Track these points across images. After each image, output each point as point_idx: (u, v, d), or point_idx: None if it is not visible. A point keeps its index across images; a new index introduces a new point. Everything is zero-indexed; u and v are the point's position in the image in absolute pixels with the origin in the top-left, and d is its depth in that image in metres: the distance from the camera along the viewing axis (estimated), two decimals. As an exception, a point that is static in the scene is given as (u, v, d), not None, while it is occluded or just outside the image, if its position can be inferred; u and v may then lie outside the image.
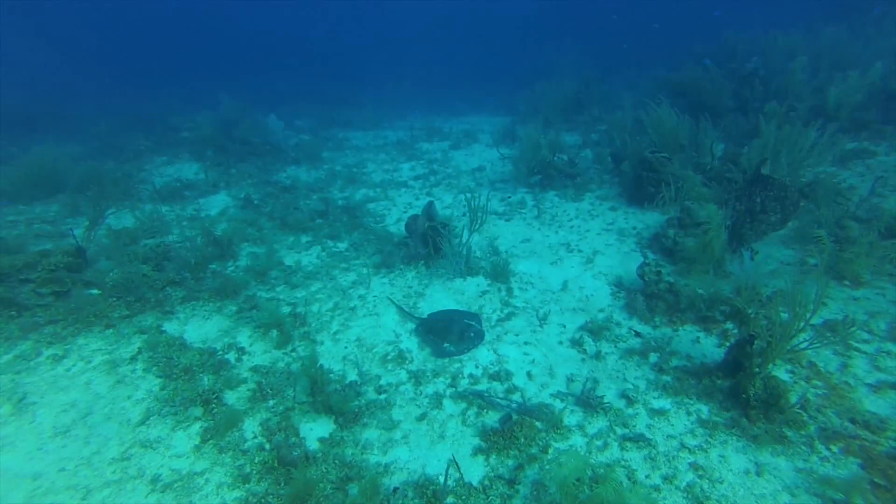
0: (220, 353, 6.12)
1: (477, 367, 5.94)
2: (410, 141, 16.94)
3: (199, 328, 6.57)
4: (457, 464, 4.50)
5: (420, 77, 33.04)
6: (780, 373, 5.26)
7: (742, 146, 9.80)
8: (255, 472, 4.41)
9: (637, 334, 6.29)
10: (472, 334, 6.29)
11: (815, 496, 4.04)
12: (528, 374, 5.79)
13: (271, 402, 5.37)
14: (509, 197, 10.95)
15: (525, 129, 11.79)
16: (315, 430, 5.06)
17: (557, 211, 10.07)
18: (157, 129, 16.45)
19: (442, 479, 4.36)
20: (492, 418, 5.16)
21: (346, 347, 6.35)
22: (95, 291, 6.89)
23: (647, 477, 4.36)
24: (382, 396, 5.55)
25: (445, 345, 6.18)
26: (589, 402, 5.21)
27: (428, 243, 7.86)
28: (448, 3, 58.55)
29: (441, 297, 7.27)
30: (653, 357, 5.90)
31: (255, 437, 4.85)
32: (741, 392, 4.85)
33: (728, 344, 5.79)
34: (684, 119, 10.45)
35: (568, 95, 16.93)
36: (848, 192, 8.55)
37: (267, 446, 4.72)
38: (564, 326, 6.61)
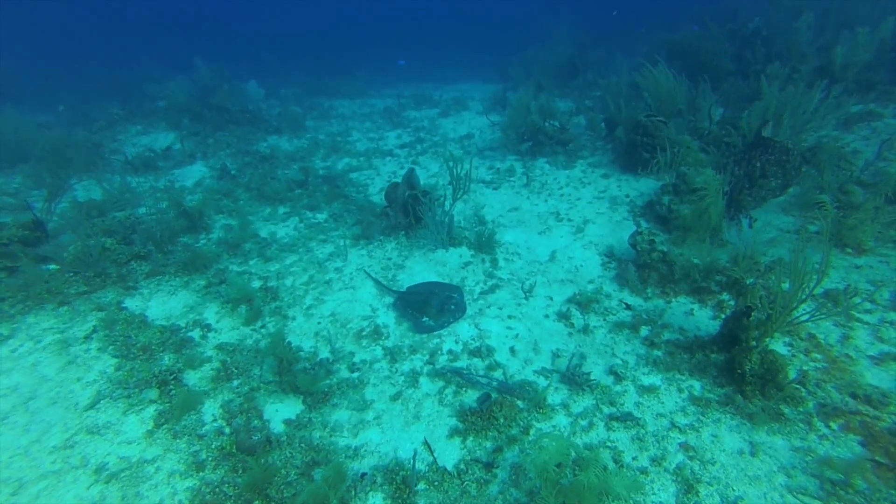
0: (184, 330, 5.74)
1: (457, 342, 5.59)
2: (398, 109, 16.28)
3: (163, 304, 6.17)
4: (429, 446, 4.19)
5: (412, 46, 31.95)
6: (778, 346, 4.93)
7: (742, 111, 9.30)
8: (210, 458, 4.09)
9: (627, 306, 5.94)
10: (452, 307, 5.93)
11: (813, 477, 3.75)
12: (511, 350, 5.45)
13: (236, 383, 5.02)
14: (497, 165, 10.46)
15: (516, 95, 11.21)
16: (281, 412, 4.73)
17: (547, 179, 9.61)
18: (133, 97, 15.70)
19: (413, 463, 4.05)
20: (471, 397, 4.84)
21: (319, 323, 5.98)
22: (53, 267, 6.45)
23: (634, 459, 4.06)
24: (355, 375, 5.21)
25: (424, 319, 5.82)
26: (575, 380, 4.88)
27: (409, 213, 7.42)
28: (441, -32, 56.47)
29: (421, 268, 6.88)
30: (644, 330, 5.57)
31: (215, 420, 4.51)
32: (736, 367, 4.52)
33: (724, 316, 5.45)
34: (682, 81, 9.91)
35: (561, 60, 16.23)
36: (852, 157, 8.12)
37: (227, 430, 4.38)
38: (551, 299, 6.25)
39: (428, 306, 5.87)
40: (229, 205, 8.95)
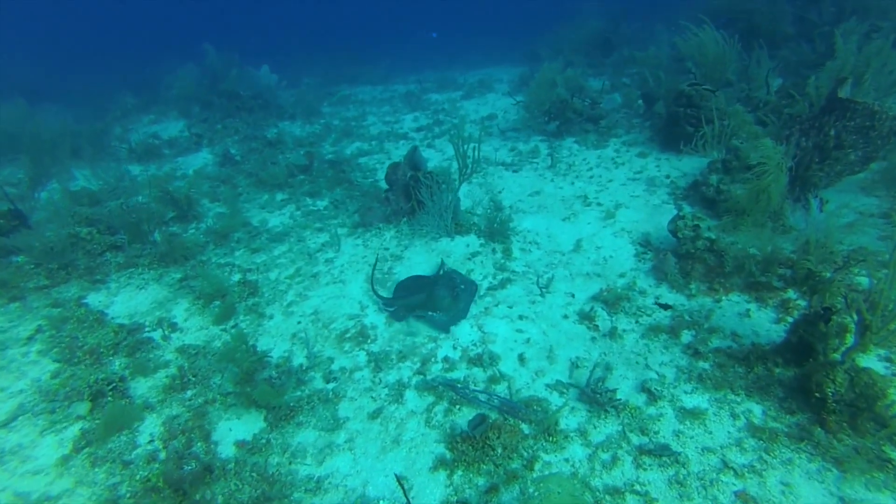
0: (146, 329, 5.05)
1: (455, 347, 4.66)
2: (419, 92, 15.37)
3: (129, 300, 5.52)
4: (402, 485, 3.28)
5: (440, 32, 30.89)
6: (873, 362, 3.75)
7: (806, 78, 7.88)
8: (130, 494, 3.32)
9: (665, 306, 4.85)
10: (462, 286, 5.13)
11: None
12: (520, 358, 4.48)
13: (189, 394, 4.27)
14: (520, 147, 9.40)
15: (540, 69, 10.09)
16: (236, 431, 3.94)
17: (575, 160, 8.49)
18: (150, 87, 15.44)
19: (381, 505, 3.17)
20: (465, 417, 3.91)
21: (298, 322, 5.18)
22: (20, 259, 5.91)
23: (671, 512, 3.04)
24: (330, 386, 4.37)
25: (435, 315, 4.91)
26: (596, 398, 3.88)
27: (411, 196, 6.52)
28: (473, -46, 54.97)
29: (422, 259, 5.97)
30: (686, 336, 4.48)
31: (151, 441, 3.76)
32: (814, 388, 3.40)
33: (791, 319, 4.30)
34: (733, 44, 8.56)
35: (594, 35, 14.89)
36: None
37: (162, 455, 3.62)
38: (573, 296, 5.23)
39: (437, 299, 4.96)
40: (226, 192, 8.29)
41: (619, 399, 3.87)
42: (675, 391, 3.94)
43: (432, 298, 5.03)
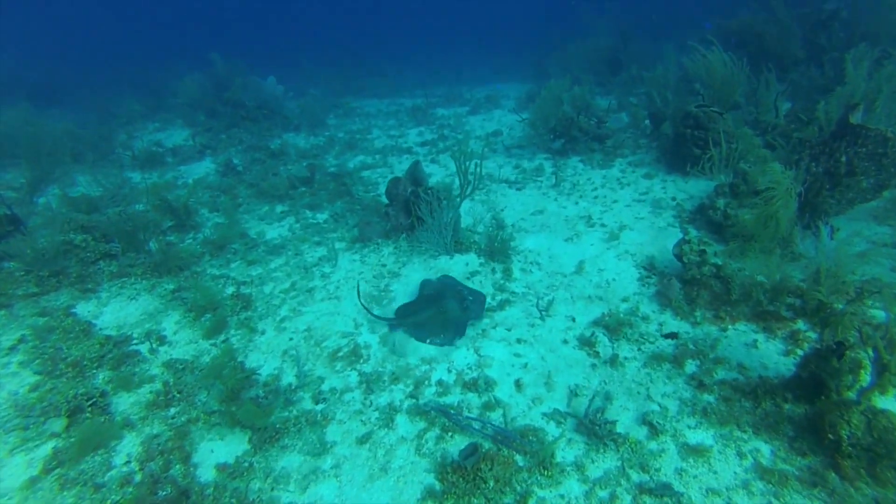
0: (134, 342, 4.91)
1: (450, 371, 4.49)
2: (426, 107, 15.34)
3: (119, 310, 5.39)
4: (387, 520, 3.10)
5: (450, 49, 31.12)
6: (891, 404, 3.55)
7: (815, 102, 7.76)
8: (99, 520, 3.16)
9: (671, 335, 4.67)
10: (470, 298, 5.06)
11: None
12: (517, 384, 4.31)
13: (173, 411, 4.11)
14: (524, 164, 9.29)
15: (546, 85, 10.03)
16: (217, 453, 3.77)
17: (580, 178, 8.37)
18: (156, 94, 15.52)
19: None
20: (457, 446, 3.73)
21: (291, 339, 5.03)
22: (12, 264, 5.81)
23: (672, 560, 2.84)
24: (319, 407, 4.20)
25: (446, 336, 4.82)
26: (595, 429, 3.70)
27: (411, 212, 6.40)
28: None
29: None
30: (690, 365, 4.30)
31: (128, 462, 3.60)
32: (826, 429, 3.21)
33: (801, 352, 4.12)
34: (741, 67, 8.47)
35: (603, 53, 14.89)
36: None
37: (137, 478, 3.45)
38: (573, 320, 5.06)
39: (445, 314, 4.88)
40: (226, 202, 8.20)
41: (619, 432, 3.69)
42: (677, 425, 3.75)
43: (442, 312, 4.92)
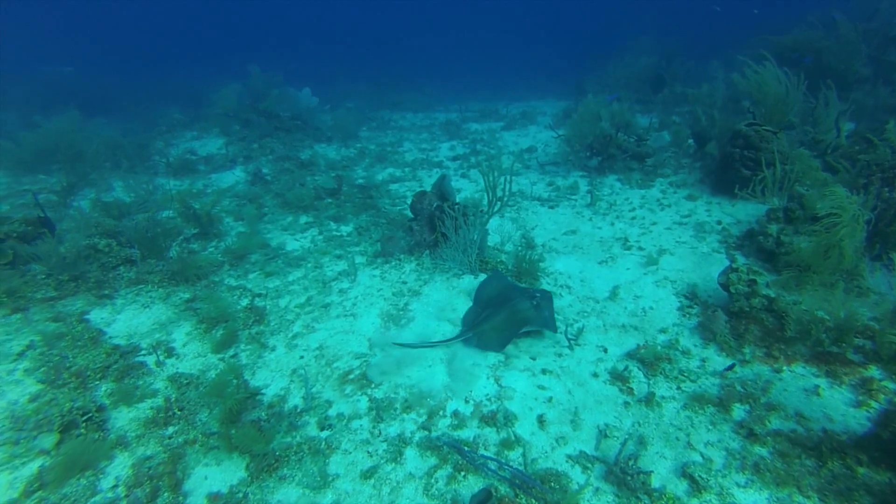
0: (142, 352, 4.76)
1: (467, 401, 4.12)
2: (460, 121, 15.20)
3: (132, 318, 5.28)
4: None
5: (488, 67, 31.08)
6: None
7: (885, 123, 7.09)
8: (74, 549, 2.93)
9: (729, 368, 4.18)
10: (538, 294, 4.85)
11: None
12: (539, 420, 3.90)
13: (171, 430, 3.89)
14: (559, 182, 8.91)
15: (583, 101, 9.66)
16: (211, 480, 3.51)
17: (617, 198, 7.92)
18: (196, 103, 15.95)
19: None
20: (469, 488, 3.36)
21: (301, 357, 4.77)
22: (37, 267, 5.81)
23: None
24: (324, 434, 3.90)
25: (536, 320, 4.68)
26: (626, 480, 3.25)
27: (436, 228, 6.11)
28: (525, -8, 56.11)
29: (440, 297, 5.50)
30: (738, 411, 3.80)
31: (115, 486, 3.37)
32: (909, 504, 2.68)
33: (876, 405, 3.57)
34: (797, 84, 7.88)
35: (644, 72, 14.40)
36: None
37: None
38: (605, 350, 4.62)
39: (520, 311, 4.69)
40: (250, 211, 8.13)
41: (655, 486, 3.23)
42: (724, 481, 3.26)
43: (515, 312, 4.69)
